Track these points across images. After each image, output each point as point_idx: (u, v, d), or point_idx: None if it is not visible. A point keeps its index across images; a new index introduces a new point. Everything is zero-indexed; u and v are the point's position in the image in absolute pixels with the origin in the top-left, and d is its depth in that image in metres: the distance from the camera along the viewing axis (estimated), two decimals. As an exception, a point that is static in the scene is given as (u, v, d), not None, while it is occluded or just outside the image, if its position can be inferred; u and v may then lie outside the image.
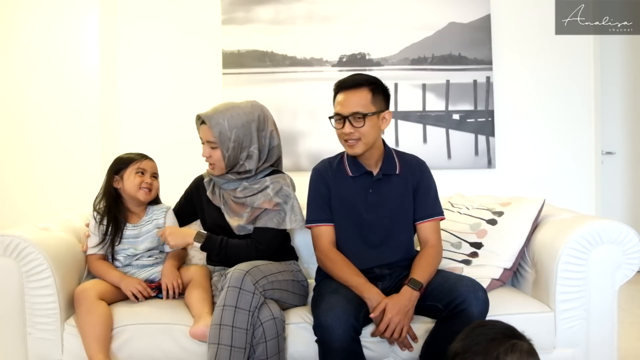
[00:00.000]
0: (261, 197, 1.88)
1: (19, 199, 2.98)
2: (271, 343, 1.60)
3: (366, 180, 1.84)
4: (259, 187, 1.90)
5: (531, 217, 1.96)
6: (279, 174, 1.95)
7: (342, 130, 1.76)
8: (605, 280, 1.76)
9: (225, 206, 1.94)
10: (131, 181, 1.90)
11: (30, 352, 1.74)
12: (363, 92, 1.75)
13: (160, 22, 3.20)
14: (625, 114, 3.94)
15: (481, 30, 3.18)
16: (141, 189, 1.90)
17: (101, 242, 1.88)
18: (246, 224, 1.89)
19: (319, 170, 1.90)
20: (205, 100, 3.10)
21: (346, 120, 1.74)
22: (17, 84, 2.98)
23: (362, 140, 1.75)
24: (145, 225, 1.94)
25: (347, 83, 1.77)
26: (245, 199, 1.89)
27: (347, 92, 1.76)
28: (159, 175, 1.99)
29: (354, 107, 1.73)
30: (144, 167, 1.92)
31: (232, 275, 1.61)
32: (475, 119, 3.19)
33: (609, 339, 1.77)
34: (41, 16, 2.96)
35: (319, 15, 3.19)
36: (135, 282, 1.82)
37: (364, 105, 1.74)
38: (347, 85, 1.77)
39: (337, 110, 1.77)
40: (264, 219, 1.87)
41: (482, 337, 1.13)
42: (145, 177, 1.91)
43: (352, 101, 1.74)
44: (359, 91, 1.75)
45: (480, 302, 1.56)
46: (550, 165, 3.23)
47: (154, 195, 1.96)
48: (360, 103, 1.74)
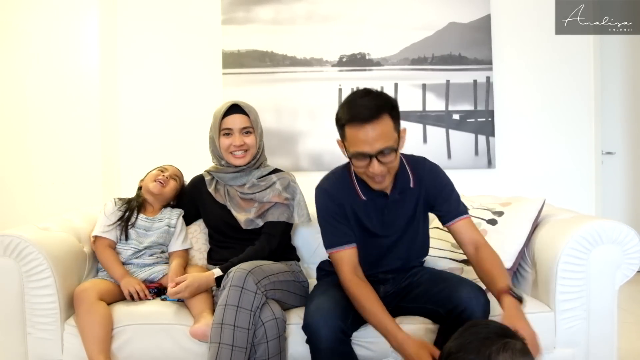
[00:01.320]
0: (270, 192, 1.94)
1: (19, 199, 2.98)
2: (272, 343, 1.60)
3: (380, 202, 1.68)
4: (266, 184, 1.96)
5: (531, 217, 1.96)
6: (282, 172, 2.03)
7: (368, 169, 1.53)
8: (605, 280, 1.76)
9: (232, 203, 1.97)
10: (150, 175, 2.04)
11: (30, 352, 1.74)
12: (385, 121, 1.49)
13: (160, 22, 3.20)
14: (625, 114, 3.94)
15: (481, 30, 3.18)
16: (155, 181, 2.00)
17: (114, 223, 1.92)
18: (254, 218, 1.92)
19: (327, 190, 1.70)
20: (205, 100, 3.10)
21: (373, 158, 1.50)
22: (17, 83, 2.98)
23: (391, 172, 1.58)
24: (158, 222, 1.99)
25: (365, 115, 1.47)
26: (254, 195, 1.94)
27: (367, 125, 1.47)
28: (180, 180, 2.10)
29: (383, 143, 1.48)
30: (165, 167, 2.08)
31: (234, 275, 1.61)
32: (475, 119, 3.19)
33: (609, 339, 1.77)
34: (41, 16, 2.96)
35: (319, 15, 3.19)
36: (135, 283, 1.82)
37: (390, 136, 1.50)
38: (366, 118, 1.47)
39: (361, 149, 1.49)
40: (275, 213, 1.92)
41: (475, 336, 1.13)
42: (164, 174, 2.02)
43: (378, 136, 1.47)
44: (381, 122, 1.48)
45: (482, 309, 1.54)
46: (550, 165, 3.23)
47: (166, 192, 2.02)
48: (387, 136, 1.49)
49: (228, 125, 1.93)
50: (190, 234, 2.10)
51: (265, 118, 3.17)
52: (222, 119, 1.94)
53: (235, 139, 1.93)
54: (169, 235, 1.98)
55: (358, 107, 1.49)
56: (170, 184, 2.02)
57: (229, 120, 1.94)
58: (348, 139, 1.52)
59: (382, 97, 1.53)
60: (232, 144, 1.93)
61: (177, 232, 2.00)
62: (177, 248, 2.00)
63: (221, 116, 1.94)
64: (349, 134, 1.51)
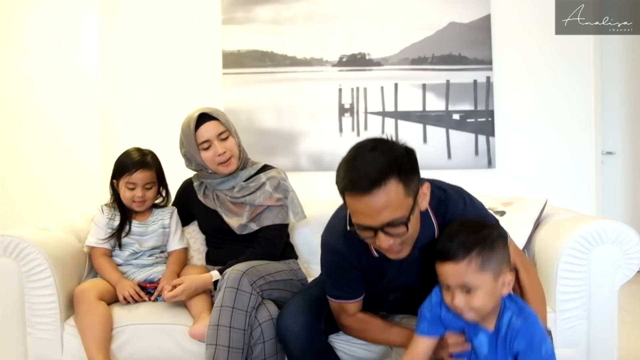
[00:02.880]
0: (261, 195, 1.88)
1: (19, 199, 2.98)
2: (269, 343, 1.59)
3: (397, 260, 1.36)
4: (256, 184, 1.90)
5: (533, 217, 1.95)
6: (271, 169, 1.97)
7: (375, 242, 1.27)
8: (606, 280, 1.75)
9: (222, 208, 1.92)
10: (123, 193, 1.90)
11: (30, 352, 1.74)
12: (391, 188, 1.18)
13: (160, 22, 3.20)
14: (625, 114, 3.94)
15: (481, 30, 3.18)
16: (134, 202, 1.90)
17: (106, 238, 1.88)
18: (248, 222, 1.88)
19: (337, 249, 1.43)
20: (205, 100, 3.09)
21: (379, 232, 1.23)
22: (17, 84, 2.99)
23: (408, 242, 1.30)
24: (151, 225, 1.95)
25: (363, 185, 1.18)
26: (244, 198, 1.89)
27: (366, 197, 1.18)
28: (156, 182, 1.93)
29: (389, 214, 1.20)
30: (133, 181, 1.87)
31: (229, 276, 1.61)
32: (475, 119, 3.19)
33: (609, 339, 1.77)
34: (41, 16, 2.97)
35: (319, 15, 3.19)
36: (129, 286, 1.80)
37: (399, 206, 1.20)
38: (365, 187, 1.18)
39: (362, 222, 1.23)
40: (269, 216, 1.88)
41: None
42: (136, 192, 1.88)
43: (381, 207, 1.19)
44: (386, 189, 1.18)
45: None
46: (551, 165, 3.23)
47: (148, 205, 1.94)
48: (394, 205, 1.20)
49: (204, 137, 1.83)
50: (189, 234, 2.09)
51: (265, 118, 3.19)
52: (196, 133, 1.82)
53: (216, 148, 1.83)
54: (165, 236, 1.96)
55: (356, 172, 1.20)
56: (148, 195, 1.91)
57: (203, 131, 1.83)
58: (348, 206, 1.26)
59: (390, 154, 1.21)
60: (215, 154, 1.83)
61: (173, 231, 1.97)
62: (174, 247, 1.97)
63: (194, 130, 1.82)
64: (348, 202, 1.25)
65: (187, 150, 1.88)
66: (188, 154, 1.89)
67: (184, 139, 1.88)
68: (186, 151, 1.89)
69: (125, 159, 1.90)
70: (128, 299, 1.78)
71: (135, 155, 1.91)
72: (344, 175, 1.23)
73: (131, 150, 1.93)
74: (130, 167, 1.87)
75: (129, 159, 1.90)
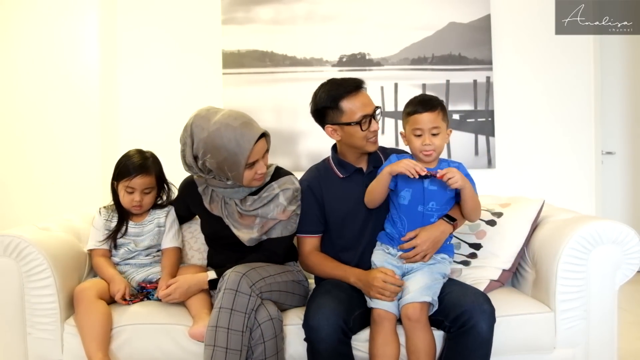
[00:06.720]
0: (274, 209, 1.81)
1: (19, 199, 2.98)
2: (269, 343, 1.60)
3: (358, 178, 1.86)
4: (268, 195, 1.82)
5: (530, 218, 1.95)
6: (285, 177, 1.87)
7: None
8: (605, 280, 1.76)
9: (230, 219, 1.84)
10: (122, 197, 1.91)
11: (30, 352, 1.74)
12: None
13: (160, 22, 3.20)
14: (625, 114, 3.94)
15: (481, 30, 3.18)
16: (132, 206, 1.90)
17: (104, 240, 1.89)
18: (259, 236, 1.83)
19: (309, 184, 1.89)
20: (205, 100, 3.09)
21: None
22: (17, 83, 2.99)
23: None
24: (147, 225, 1.95)
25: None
26: (257, 210, 1.82)
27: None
28: (155, 186, 1.93)
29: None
30: (132, 185, 1.87)
31: (228, 278, 1.61)
32: (475, 119, 3.20)
33: (609, 339, 1.77)
34: (41, 16, 2.97)
35: (319, 15, 3.19)
36: (122, 286, 1.80)
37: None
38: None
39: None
40: (278, 229, 1.84)
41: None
42: (135, 196, 1.88)
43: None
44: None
45: (487, 316, 1.54)
46: (550, 165, 3.23)
47: (145, 209, 1.95)
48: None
49: (256, 157, 1.73)
50: (190, 233, 2.09)
51: (265, 118, 3.19)
52: (253, 147, 1.69)
53: (260, 166, 1.75)
54: (160, 235, 1.96)
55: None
56: (146, 200, 1.91)
57: (257, 150, 1.72)
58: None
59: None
60: (257, 171, 1.74)
61: (167, 229, 1.96)
62: (165, 245, 1.95)
63: (251, 148, 1.68)
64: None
65: (222, 163, 1.70)
66: (219, 168, 1.72)
67: (225, 153, 1.69)
68: (219, 163, 1.70)
69: (126, 163, 1.90)
70: (117, 300, 1.78)
71: (136, 158, 1.90)
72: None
73: (132, 153, 1.93)
74: (131, 171, 1.87)
75: (130, 162, 1.89)
